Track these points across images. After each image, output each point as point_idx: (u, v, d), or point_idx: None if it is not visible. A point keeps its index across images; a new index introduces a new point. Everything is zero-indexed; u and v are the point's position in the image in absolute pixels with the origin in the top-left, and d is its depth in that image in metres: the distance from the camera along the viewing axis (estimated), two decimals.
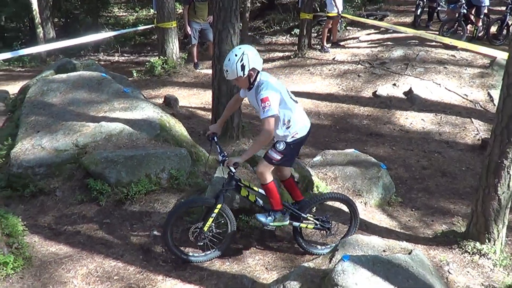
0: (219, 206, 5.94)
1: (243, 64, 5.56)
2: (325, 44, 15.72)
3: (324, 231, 6.58)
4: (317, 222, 6.44)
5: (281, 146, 5.88)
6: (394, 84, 12.44)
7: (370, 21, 16.51)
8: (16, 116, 9.66)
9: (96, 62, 14.53)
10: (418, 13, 16.74)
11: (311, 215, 6.42)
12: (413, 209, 7.96)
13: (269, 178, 5.93)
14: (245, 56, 5.56)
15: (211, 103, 9.91)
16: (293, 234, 6.44)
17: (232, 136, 9.62)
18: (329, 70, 14.05)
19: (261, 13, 21.29)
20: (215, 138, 6.22)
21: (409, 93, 12.02)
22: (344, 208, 6.80)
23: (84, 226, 6.91)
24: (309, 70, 14.32)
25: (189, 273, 6.03)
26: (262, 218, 6.11)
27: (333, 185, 7.81)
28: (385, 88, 12.38)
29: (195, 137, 9.40)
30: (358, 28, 17.77)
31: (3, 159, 8.37)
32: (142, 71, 15.06)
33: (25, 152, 7.87)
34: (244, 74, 5.62)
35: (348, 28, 17.91)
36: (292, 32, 18.29)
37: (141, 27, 18.55)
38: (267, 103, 5.50)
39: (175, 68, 14.77)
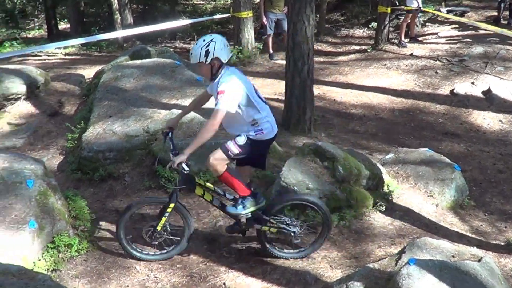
0: (172, 205, 5.82)
1: (207, 50, 5.46)
2: (402, 38, 15.40)
3: (290, 235, 6.10)
4: (282, 226, 6.04)
5: (242, 140, 5.68)
6: (473, 83, 12.07)
7: (449, 16, 16.10)
8: (90, 100, 9.86)
9: (172, 49, 14.66)
10: (501, 9, 16.22)
11: (277, 217, 6.07)
12: (486, 214, 7.70)
13: (221, 168, 5.69)
14: (212, 44, 5.48)
15: (284, 94, 9.82)
16: (257, 235, 6.20)
17: (304, 129, 9.51)
18: (406, 65, 13.75)
19: (339, 5, 21.03)
20: (170, 133, 6.04)
21: (487, 92, 11.64)
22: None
23: (150, 211, 6.96)
24: (385, 64, 14.06)
25: (251, 266, 6.02)
26: (231, 210, 5.96)
27: (404, 184, 7.62)
28: (463, 86, 12.02)
29: None
30: (437, 24, 17.34)
31: (75, 142, 8.54)
32: None
33: (96, 136, 8.01)
34: (206, 61, 5.51)
35: (426, 23, 17.50)
36: (370, 26, 17.99)
37: (217, 16, 18.59)
38: (221, 96, 5.39)
39: (250, 58, 14.74)
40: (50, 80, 11.57)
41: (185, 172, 5.62)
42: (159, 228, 5.94)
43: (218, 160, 5.64)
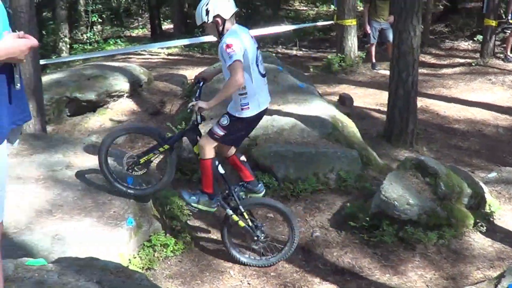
0: (166, 146, 5.86)
1: (207, 9, 5.43)
2: (509, 53, 14.99)
3: (253, 238, 6.05)
4: (250, 224, 5.99)
5: (224, 121, 5.63)
6: None
7: None
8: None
9: (274, 54, 14.76)
10: None
11: (248, 213, 6.03)
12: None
13: (209, 154, 5.67)
14: (211, 1, 5.42)
15: (387, 105, 9.72)
16: (221, 225, 6.17)
17: (405, 142, 9.39)
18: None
19: (443, 16, 20.61)
20: (202, 83, 6.06)
21: None
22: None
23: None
24: (490, 79, 13.70)
25: (346, 279, 5.96)
26: (185, 195, 5.93)
27: (507, 205, 7.39)
28: None
29: (368, 139, 9.24)
30: None
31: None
32: (319, 67, 15.12)
33: None
34: (208, 20, 5.49)
35: None
36: (475, 38, 17.58)
37: (320, 23, 18.61)
38: (231, 49, 5.29)
39: (352, 67, 14.68)
40: (153, 79, 11.88)
41: (196, 123, 5.79)
42: (141, 161, 5.96)
43: (206, 143, 5.67)
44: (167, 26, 25.73)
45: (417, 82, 9.41)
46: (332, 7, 21.90)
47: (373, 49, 14.91)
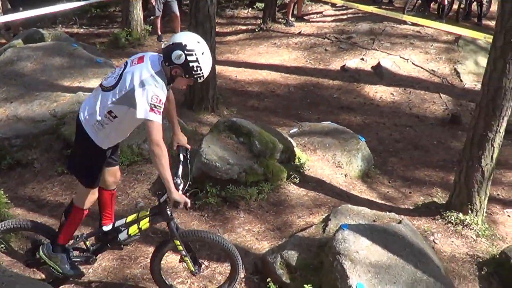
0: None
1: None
2: (290, 18, 15.66)
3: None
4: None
5: None
6: (362, 59, 12.49)
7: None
8: None
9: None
10: None
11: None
12: (391, 181, 8.09)
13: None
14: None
15: None
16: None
17: (207, 108, 9.50)
18: (296, 43, 14.00)
19: None
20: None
21: (377, 67, 12.09)
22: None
23: (67, 198, 6.78)
24: (275, 43, 14.24)
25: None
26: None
27: (313, 156, 7.81)
28: (353, 62, 12.43)
29: None
30: (320, 4, 17.68)
31: None
32: (105, 43, 14.78)
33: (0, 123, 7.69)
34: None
35: (310, 2, 17.85)
36: (254, 6, 18.15)
37: None
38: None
39: (139, 40, 14.47)
40: None
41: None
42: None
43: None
44: None
45: (215, 49, 9.54)
46: None
47: (159, 21, 14.82)
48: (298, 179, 7.19)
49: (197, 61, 4.30)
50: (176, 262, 5.61)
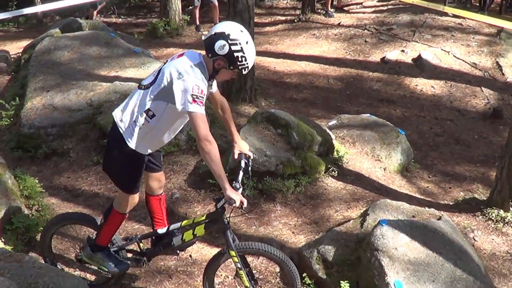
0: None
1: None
2: (329, 8, 15.53)
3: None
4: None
5: None
6: (403, 51, 12.31)
7: None
8: (21, 76, 9.54)
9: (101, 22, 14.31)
10: None
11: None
12: (431, 176, 7.96)
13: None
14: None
15: None
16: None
17: (245, 99, 9.49)
18: (335, 35, 13.86)
19: None
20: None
21: (418, 59, 11.90)
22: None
23: (102, 188, 6.84)
24: (314, 34, 14.12)
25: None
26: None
27: (352, 149, 7.72)
28: (393, 54, 12.26)
29: None
30: None
31: (11, 119, 8.23)
32: (143, 33, 14.82)
33: (36, 112, 7.75)
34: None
35: None
36: None
37: None
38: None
39: (177, 30, 14.48)
40: None
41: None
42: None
43: None
44: None
45: (253, 39, 9.43)
46: None
47: (197, 11, 14.81)
48: (336, 172, 7.11)
49: (241, 50, 4.09)
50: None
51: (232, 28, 4.14)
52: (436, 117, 9.96)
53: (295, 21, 15.51)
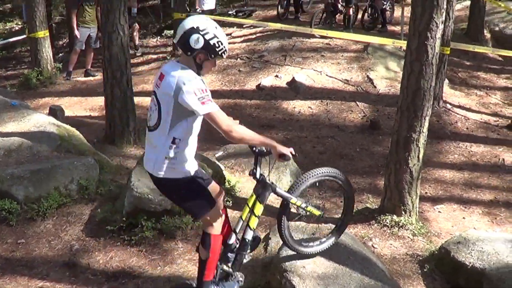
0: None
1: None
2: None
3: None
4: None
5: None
6: (276, 76, 12.60)
7: (237, 20, 16.46)
8: None
9: None
10: (285, 5, 17.17)
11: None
12: (321, 193, 8.13)
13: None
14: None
15: (105, 108, 9.55)
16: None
17: (129, 141, 9.33)
18: None
19: None
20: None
21: (292, 82, 12.22)
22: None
23: None
24: None
25: (122, 283, 5.80)
26: None
27: (242, 177, 7.80)
28: (268, 80, 12.51)
29: (90, 145, 9.06)
30: (226, 27, 17.81)
31: None
32: (16, 84, 14.39)
33: None
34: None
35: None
36: (163, 34, 18.17)
37: (13, 39, 17.59)
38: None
39: (50, 79, 14.06)
40: None
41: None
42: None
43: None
44: None
45: (131, 80, 9.37)
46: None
47: (76, 57, 14.49)
48: (230, 202, 7.16)
49: (215, 36, 4.28)
50: None
51: (197, 20, 4.30)
52: (317, 136, 10.24)
53: (168, 58, 15.60)
